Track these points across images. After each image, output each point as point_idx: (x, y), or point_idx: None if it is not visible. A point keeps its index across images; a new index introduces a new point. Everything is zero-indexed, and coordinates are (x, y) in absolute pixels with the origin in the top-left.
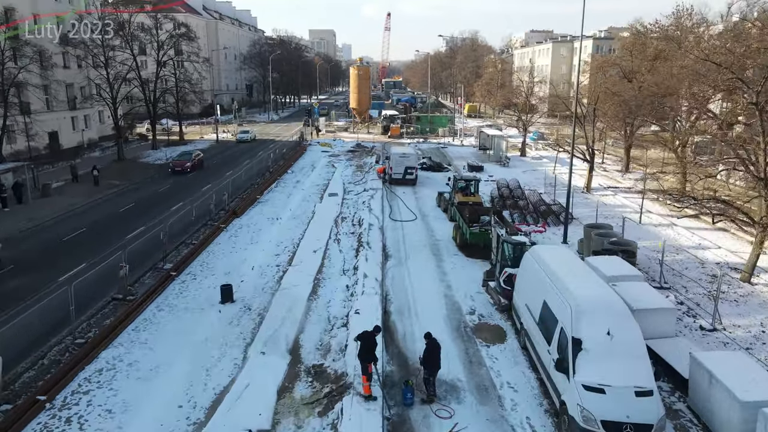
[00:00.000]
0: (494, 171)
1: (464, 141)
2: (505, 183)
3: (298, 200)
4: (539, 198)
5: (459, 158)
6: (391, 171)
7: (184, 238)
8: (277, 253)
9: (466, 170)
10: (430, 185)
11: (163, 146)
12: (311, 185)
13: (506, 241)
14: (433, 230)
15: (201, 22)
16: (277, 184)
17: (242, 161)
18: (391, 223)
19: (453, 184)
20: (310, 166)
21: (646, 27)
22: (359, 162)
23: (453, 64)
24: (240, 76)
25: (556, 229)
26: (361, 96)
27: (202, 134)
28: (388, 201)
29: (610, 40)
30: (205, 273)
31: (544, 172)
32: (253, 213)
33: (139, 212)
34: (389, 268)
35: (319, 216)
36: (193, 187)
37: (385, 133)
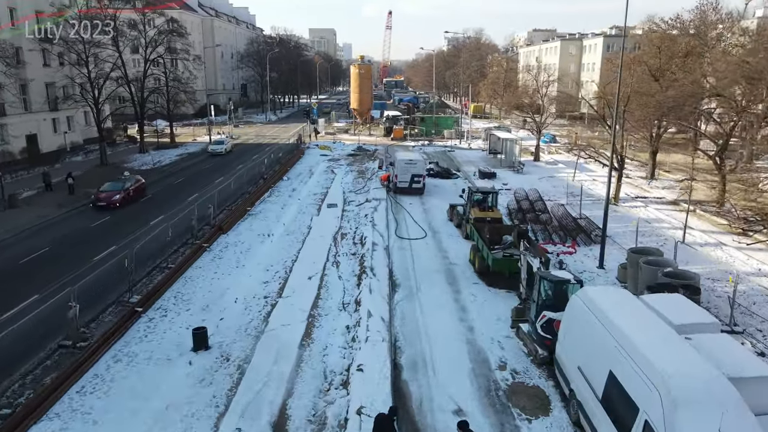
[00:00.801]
0: (508, 178)
1: (472, 144)
2: (524, 193)
3: (293, 212)
4: (564, 211)
5: (468, 163)
6: (396, 179)
7: (159, 262)
8: (266, 281)
9: (476, 177)
10: (439, 194)
11: (153, 149)
12: (308, 194)
13: (544, 278)
14: (447, 251)
15: (196, 20)
16: (271, 192)
17: (235, 166)
18: (398, 241)
19: (468, 196)
20: (307, 171)
21: (667, 23)
22: (361, 167)
23: (457, 63)
24: (237, 76)
25: (587, 249)
26: (362, 96)
27: (194, 136)
28: (393, 214)
29: (622, 38)
30: (178, 307)
31: (563, 179)
32: (241, 228)
33: (114, 227)
34: (398, 302)
35: (316, 232)
36: (179, 197)
37: (388, 135)
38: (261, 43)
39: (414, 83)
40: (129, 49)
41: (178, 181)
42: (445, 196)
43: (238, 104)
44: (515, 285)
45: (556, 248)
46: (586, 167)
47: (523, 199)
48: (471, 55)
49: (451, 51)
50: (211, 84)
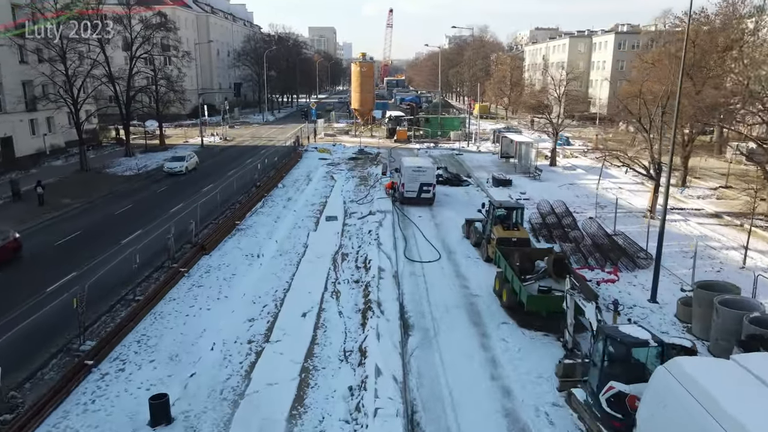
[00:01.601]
0: (525, 186)
1: (481, 146)
2: (549, 206)
3: (288, 227)
4: (597, 227)
5: (478, 168)
6: (403, 188)
7: (125, 293)
8: (252, 318)
9: (490, 184)
10: (451, 205)
11: (140, 152)
12: (305, 204)
13: (612, 337)
14: (466, 277)
15: (191, 16)
16: (264, 202)
17: (226, 171)
18: (408, 264)
19: (490, 212)
20: (305, 177)
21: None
22: (363, 172)
23: (460, 61)
24: (234, 74)
25: (631, 276)
26: (363, 95)
27: (187, 138)
28: (401, 229)
29: (635, 35)
30: (141, 357)
31: (586, 187)
32: (227, 247)
33: (81, 246)
34: (412, 352)
35: (312, 252)
36: (161, 207)
37: (391, 137)
38: (258, 40)
39: (416, 82)
40: (120, 46)
41: (162, 189)
42: (457, 206)
43: (234, 104)
44: (554, 326)
45: (594, 274)
46: (608, 173)
47: (549, 213)
48: (475, 53)
49: (454, 49)
50: (206, 83)
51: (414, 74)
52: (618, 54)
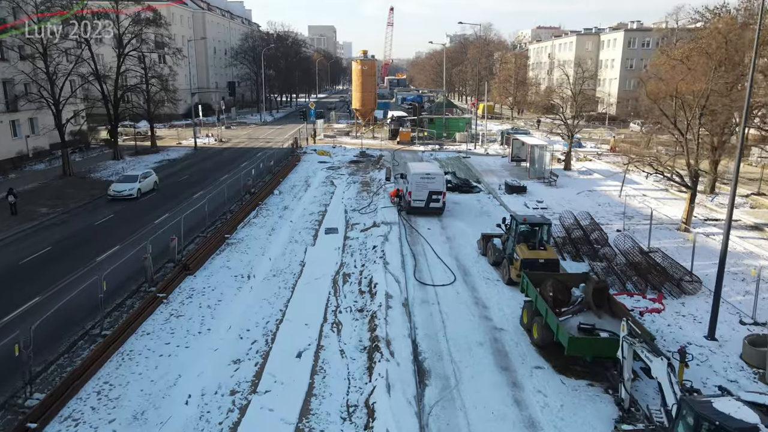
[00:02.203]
0: (540, 193)
1: (489, 149)
2: (572, 218)
3: (283, 241)
4: (632, 243)
5: (488, 173)
6: (410, 197)
7: (91, 325)
8: (238, 358)
9: (502, 191)
10: (462, 214)
11: (129, 155)
12: (303, 214)
13: (707, 419)
14: (486, 304)
15: (186, 13)
16: (258, 211)
17: (217, 177)
18: (419, 287)
19: (511, 228)
20: (303, 183)
21: (712, 11)
22: (364, 177)
23: (463, 60)
24: (231, 73)
25: (677, 304)
26: (365, 95)
27: (180, 139)
28: (408, 244)
29: (646, 32)
30: (98, 416)
31: (607, 194)
32: (215, 265)
33: (51, 264)
34: (431, 410)
35: (310, 271)
36: (144, 219)
37: (393, 138)
38: (257, 38)
39: (417, 81)
40: (106, 42)
41: (149, 196)
42: (469, 217)
43: (232, 104)
44: (598, 374)
45: (633, 301)
46: (627, 178)
47: (574, 227)
48: (479, 51)
49: (457, 47)
50: (202, 82)
51: (415, 73)
52: (627, 52)
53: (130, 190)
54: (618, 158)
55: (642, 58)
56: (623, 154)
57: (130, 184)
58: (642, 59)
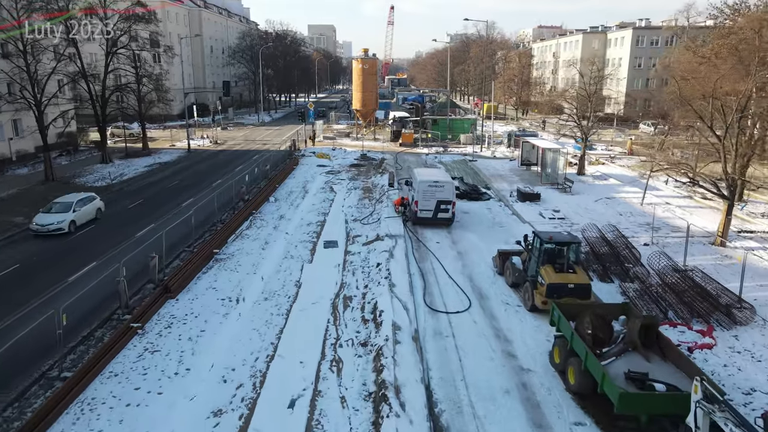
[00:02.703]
0: (555, 201)
1: (496, 151)
2: (597, 231)
3: (278, 256)
4: (667, 262)
5: (497, 178)
6: (417, 206)
7: (49, 366)
8: (219, 409)
9: (515, 199)
10: (472, 225)
11: (119, 158)
12: (300, 224)
13: None
14: (508, 337)
15: (181, 11)
16: (252, 221)
17: (209, 182)
18: (430, 316)
19: (535, 248)
20: (301, 189)
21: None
22: (366, 182)
23: (466, 59)
24: (228, 73)
25: (730, 337)
26: (366, 95)
27: (174, 141)
28: (416, 261)
29: (655, 30)
30: None
31: (627, 202)
32: (200, 287)
33: (16, 284)
34: None
35: (307, 294)
36: (127, 230)
37: (396, 140)
38: (255, 37)
39: (418, 81)
40: (90, 39)
41: (134, 204)
42: (480, 228)
43: (229, 103)
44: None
45: (677, 333)
46: (656, 187)
47: (599, 242)
48: (482, 50)
49: (459, 46)
50: (199, 82)
51: (416, 72)
52: (636, 50)
53: (60, 224)
54: (632, 161)
55: (651, 57)
56: (650, 159)
57: (59, 216)
58: (651, 58)
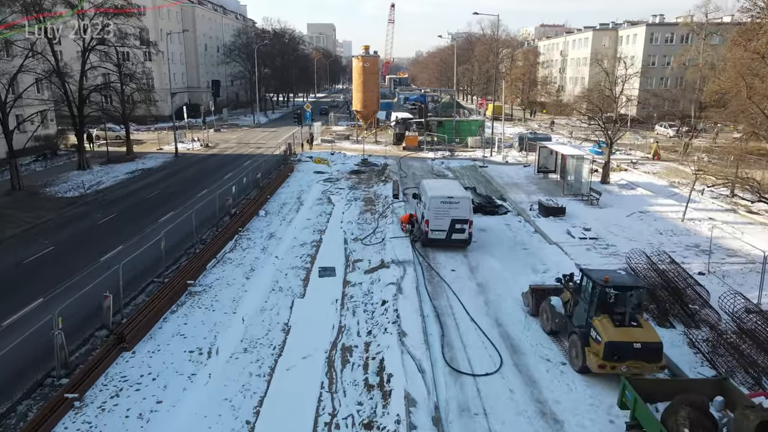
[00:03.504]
0: (582, 215)
1: (508, 155)
2: (644, 258)
3: (264, 287)
4: (744, 302)
5: (512, 186)
6: (428, 226)
7: None
8: None
9: (536, 213)
10: (491, 247)
11: (100, 164)
12: (292, 245)
13: None
14: (558, 415)
15: (174, 7)
16: (237, 242)
17: (194, 192)
18: (453, 380)
19: (585, 291)
20: (295, 200)
21: None
22: (367, 192)
23: (470, 58)
24: (224, 71)
25: None
26: (367, 95)
27: (162, 144)
28: (430, 297)
29: (670, 26)
30: None
31: (664, 217)
32: (165, 333)
33: None
34: None
35: (297, 342)
36: (88, 254)
37: (399, 143)
38: (251, 35)
39: (419, 80)
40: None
41: (106, 218)
42: (501, 250)
43: (225, 104)
44: None
45: None
46: (672, 191)
47: (650, 273)
48: (487, 48)
49: (462, 44)
50: (192, 81)
51: (418, 72)
52: (649, 48)
53: None
54: (656, 167)
55: (665, 55)
56: (701, 171)
57: None
58: (665, 56)
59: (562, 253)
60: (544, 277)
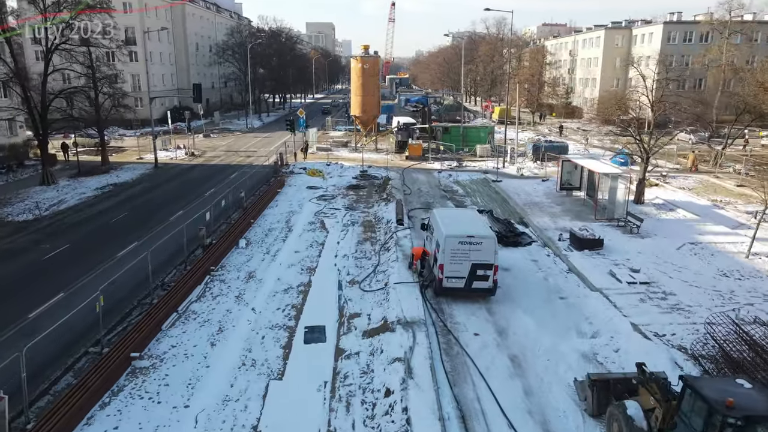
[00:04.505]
0: (623, 248)
1: (523, 167)
2: (733, 326)
3: (232, 361)
4: None
5: (532, 206)
6: (442, 272)
7: None
8: None
9: (565, 242)
10: (519, 293)
11: (69, 177)
12: (274, 292)
13: None
14: None
15: (161, 3)
16: (207, 286)
17: (166, 216)
18: None
19: (692, 411)
20: (283, 226)
21: None
22: (367, 213)
23: (475, 58)
24: (216, 72)
25: None
26: (366, 99)
27: (144, 152)
28: (450, 383)
29: (689, 24)
30: None
31: (722, 251)
32: None
33: None
34: None
35: None
36: (18, 305)
37: (401, 152)
38: (245, 34)
39: (420, 81)
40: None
41: (53, 253)
42: (532, 299)
43: (218, 106)
44: None
45: None
46: (724, 215)
47: (743, 347)
48: (492, 48)
49: (465, 44)
50: (182, 82)
51: (419, 72)
52: (667, 47)
53: None
54: (688, 180)
55: (683, 55)
56: (743, 185)
57: None
58: (683, 56)
59: (610, 304)
60: (593, 344)
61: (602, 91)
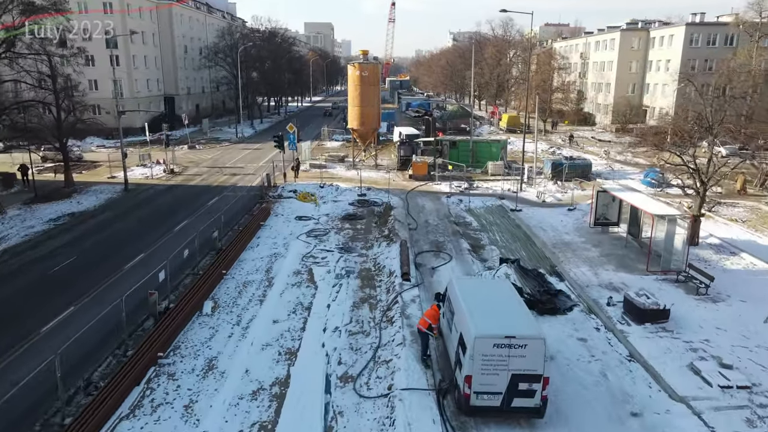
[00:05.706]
0: (693, 319)
1: (544, 192)
2: None
3: None
4: None
5: (562, 248)
6: (470, 386)
7: None
8: None
9: (621, 315)
10: (572, 404)
11: (22, 204)
12: (238, 396)
13: None
14: None
15: (147, 4)
16: (146, 389)
17: (121, 260)
18: None
19: None
20: (261, 278)
21: None
22: (365, 258)
23: (480, 60)
24: (207, 76)
25: None
26: (365, 110)
27: (115, 170)
28: None
29: (714, 26)
30: None
31: None
32: None
33: None
34: None
35: None
36: None
37: (404, 169)
38: (236, 36)
39: (422, 83)
40: None
41: None
42: (592, 416)
43: (208, 112)
44: None
45: None
46: None
47: None
48: (499, 50)
49: (469, 46)
50: (169, 87)
51: (421, 74)
52: (689, 51)
53: None
54: (737, 209)
55: (706, 59)
56: None
57: None
58: (706, 60)
59: (705, 428)
60: None
61: (617, 97)
